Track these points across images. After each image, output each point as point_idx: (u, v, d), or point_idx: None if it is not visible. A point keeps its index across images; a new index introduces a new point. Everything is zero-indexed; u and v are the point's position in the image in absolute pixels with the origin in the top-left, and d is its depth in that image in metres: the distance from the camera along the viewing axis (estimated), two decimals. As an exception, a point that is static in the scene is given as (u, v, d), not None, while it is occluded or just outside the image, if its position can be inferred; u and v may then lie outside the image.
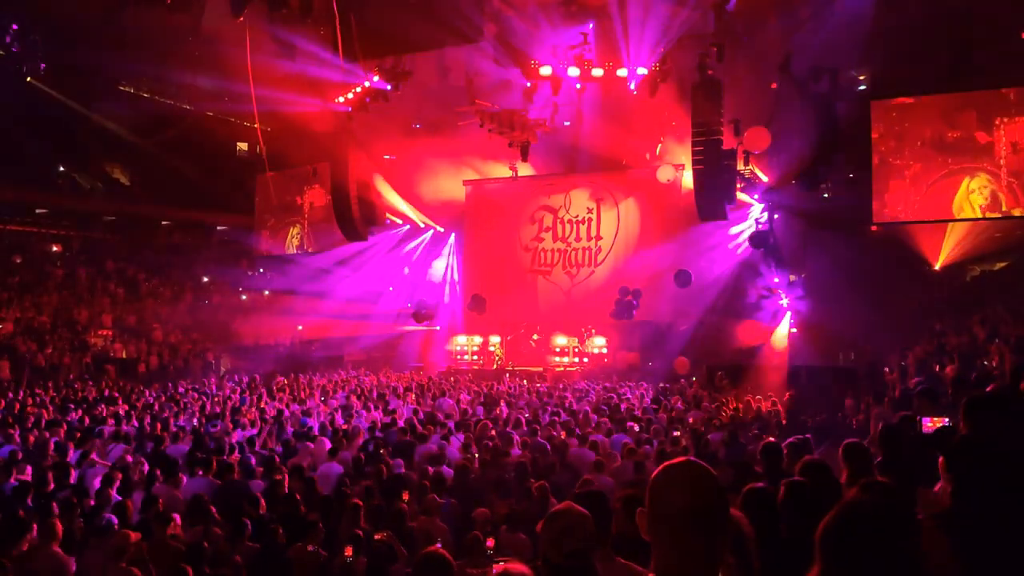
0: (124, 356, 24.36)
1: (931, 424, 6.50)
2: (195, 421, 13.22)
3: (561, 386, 19.42)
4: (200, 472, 8.78)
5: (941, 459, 3.12)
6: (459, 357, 26.69)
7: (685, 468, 2.00)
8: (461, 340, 26.93)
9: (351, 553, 6.12)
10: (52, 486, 8.04)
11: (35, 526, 6.01)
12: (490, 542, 6.22)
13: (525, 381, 21.26)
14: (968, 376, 13.05)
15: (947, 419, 6.54)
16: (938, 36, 17.70)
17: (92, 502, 7.67)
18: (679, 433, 11.16)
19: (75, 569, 5.99)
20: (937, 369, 14.85)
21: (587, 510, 2.86)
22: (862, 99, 20.13)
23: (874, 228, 20.54)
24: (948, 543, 2.57)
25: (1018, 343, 15.01)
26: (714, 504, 1.95)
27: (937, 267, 20.75)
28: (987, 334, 16.29)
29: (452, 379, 21.92)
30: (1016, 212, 18.05)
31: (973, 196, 18.30)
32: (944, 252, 20.67)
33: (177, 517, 6.96)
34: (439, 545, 5.63)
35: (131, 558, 5.84)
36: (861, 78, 20.66)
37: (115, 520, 6.42)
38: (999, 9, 17.53)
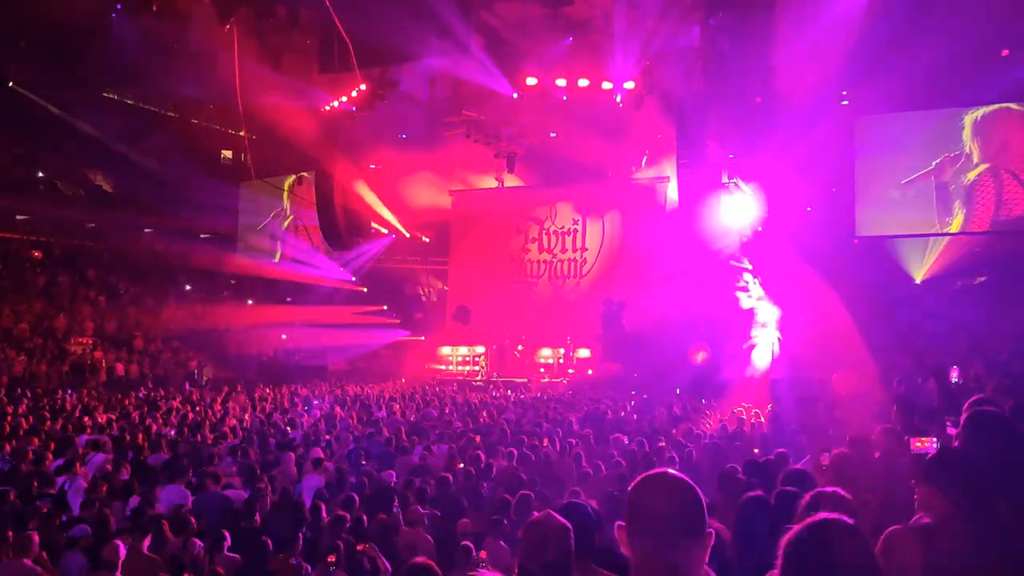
0: (105, 364, 24.11)
1: (919, 444, 6.38)
2: (175, 431, 13.10)
3: (546, 397, 19.39)
4: (180, 482, 8.69)
5: (916, 488, 3.15)
6: (444, 367, 26.61)
7: (663, 479, 2.00)
8: (446, 350, 26.86)
9: (333, 560, 6.07)
10: (32, 495, 7.93)
11: (11, 536, 5.93)
12: (483, 554, 6.20)
13: (510, 392, 21.21)
14: (950, 389, 13.17)
15: (935, 440, 6.38)
16: (921, 53, 17.89)
17: (71, 512, 7.58)
18: (663, 444, 11.14)
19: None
20: (920, 382, 14.95)
21: (570, 522, 2.85)
22: (845, 114, 20.33)
23: (856, 241, 20.71)
24: (920, 551, 2.59)
25: (997, 357, 15.17)
26: (692, 514, 1.95)
27: (918, 280, 20.91)
28: (967, 347, 16.45)
29: (436, 389, 21.84)
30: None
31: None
32: (925, 266, 20.86)
33: (165, 524, 6.88)
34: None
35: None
36: (844, 94, 20.84)
37: (89, 530, 6.33)
38: (982, 27, 17.75)
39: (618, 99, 19.53)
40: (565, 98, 20.24)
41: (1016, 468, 2.94)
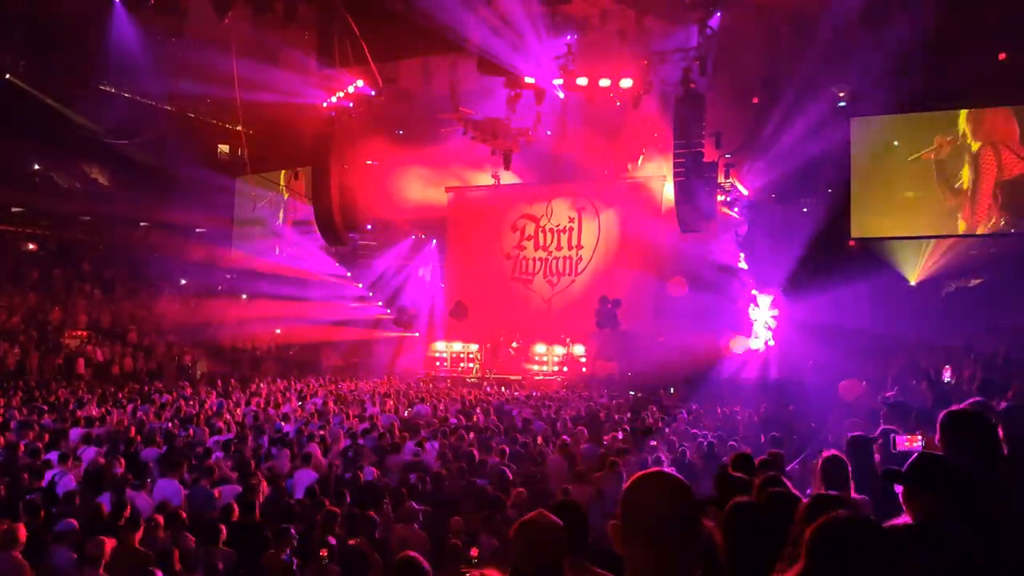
0: (99, 358, 24.07)
1: (907, 443, 6.42)
2: (169, 424, 13.08)
3: (539, 394, 19.40)
4: (173, 476, 8.68)
5: (901, 490, 3.17)
6: (438, 364, 26.61)
7: (657, 478, 2.01)
8: (440, 347, 26.86)
9: (325, 555, 6.08)
10: (21, 489, 7.92)
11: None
12: (473, 551, 6.20)
13: (504, 388, 21.22)
14: (943, 390, 13.20)
15: (920, 438, 6.45)
16: (918, 56, 17.94)
17: (61, 506, 7.56)
18: (655, 443, 11.17)
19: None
20: (913, 383, 14.99)
21: (563, 520, 2.85)
22: (841, 116, 20.37)
23: (852, 243, 20.76)
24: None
25: (991, 359, 15.21)
26: (687, 513, 1.95)
27: (913, 282, 20.97)
28: (961, 349, 16.49)
29: (430, 386, 21.83)
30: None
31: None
32: (920, 267, 20.93)
33: (160, 518, 6.89)
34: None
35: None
36: (841, 95, 20.89)
37: (76, 525, 6.32)
38: (979, 30, 17.81)
39: (615, 98, 19.52)
40: (562, 96, 20.22)
41: (997, 468, 2.96)
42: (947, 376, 14.64)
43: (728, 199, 21.37)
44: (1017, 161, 19.00)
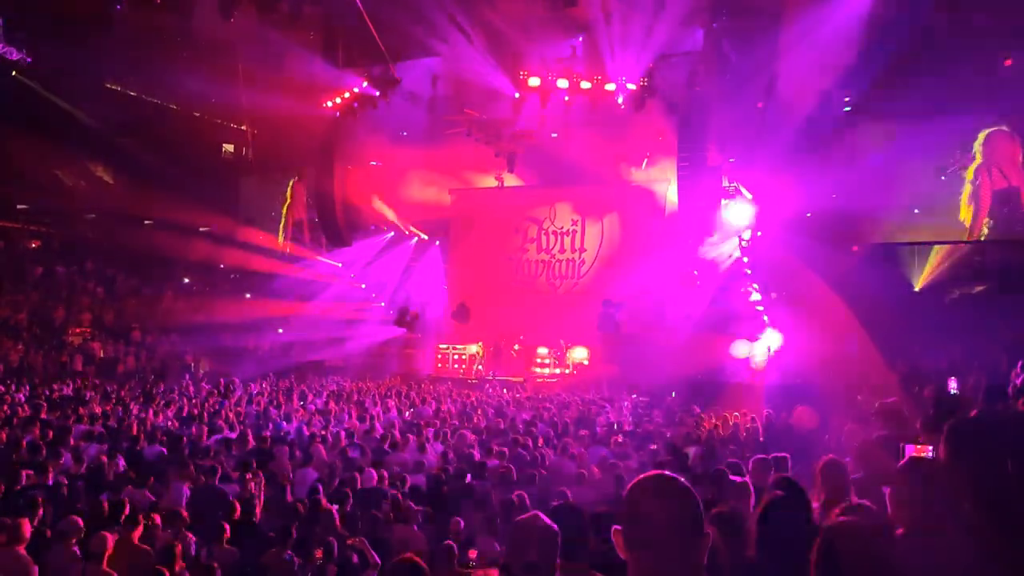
0: (102, 356, 24.10)
1: (916, 452, 6.39)
2: (171, 423, 13.09)
3: (541, 396, 19.39)
4: (175, 475, 8.69)
5: (887, 490, 3.17)
6: (440, 365, 26.60)
7: (660, 480, 2.00)
8: (442, 348, 26.85)
9: (321, 555, 6.09)
10: (23, 485, 7.93)
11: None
12: (472, 553, 6.21)
13: (505, 390, 21.20)
14: (946, 397, 13.16)
15: (930, 447, 6.40)
16: (922, 61, 17.90)
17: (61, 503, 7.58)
18: (656, 447, 11.16)
19: (38, 570, 5.90)
20: (916, 390, 14.95)
21: (562, 523, 2.85)
22: (846, 121, 20.34)
23: (855, 249, 20.73)
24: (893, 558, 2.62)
25: (994, 366, 15.17)
26: (689, 515, 1.95)
27: (917, 288, 20.94)
28: (963, 356, 16.47)
29: (432, 387, 21.82)
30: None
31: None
32: (924, 273, 20.89)
33: (157, 518, 6.89)
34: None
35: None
36: (846, 100, 20.85)
37: (80, 522, 6.33)
38: (983, 36, 17.78)
39: (620, 101, 19.53)
40: (567, 99, 20.23)
41: (992, 478, 2.96)
42: (952, 386, 14.61)
43: (732, 202, 21.33)
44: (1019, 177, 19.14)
